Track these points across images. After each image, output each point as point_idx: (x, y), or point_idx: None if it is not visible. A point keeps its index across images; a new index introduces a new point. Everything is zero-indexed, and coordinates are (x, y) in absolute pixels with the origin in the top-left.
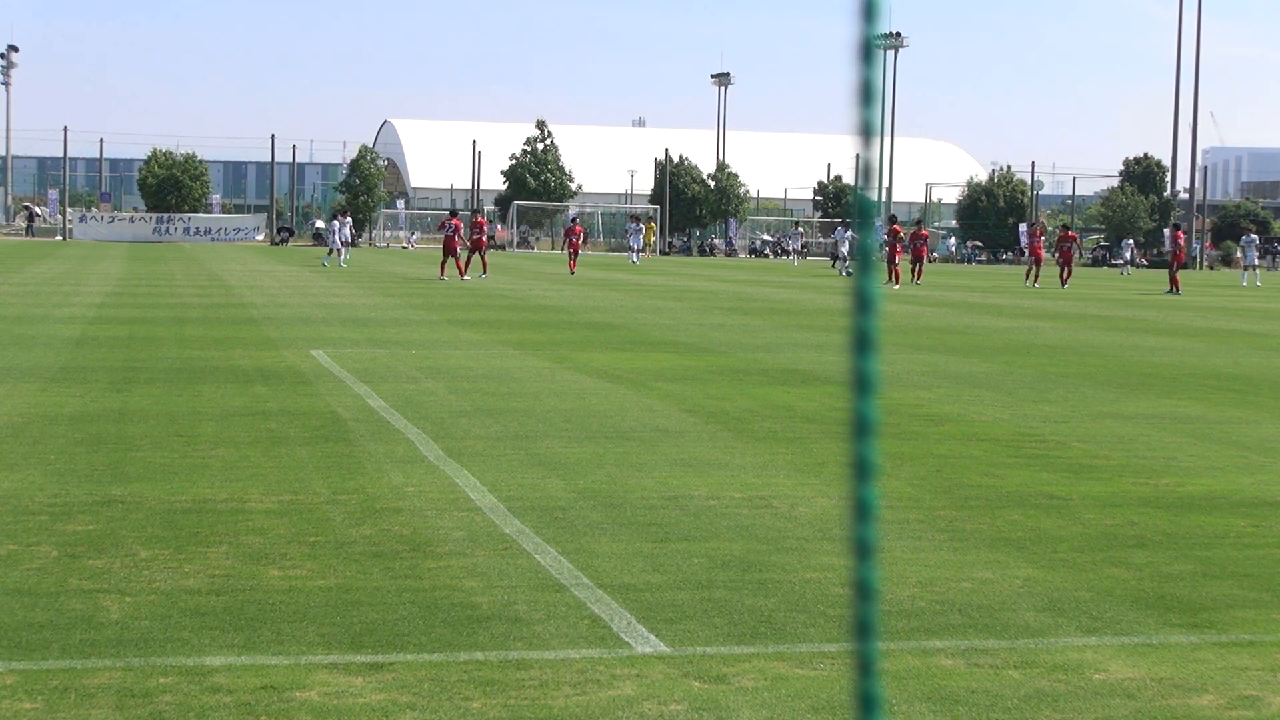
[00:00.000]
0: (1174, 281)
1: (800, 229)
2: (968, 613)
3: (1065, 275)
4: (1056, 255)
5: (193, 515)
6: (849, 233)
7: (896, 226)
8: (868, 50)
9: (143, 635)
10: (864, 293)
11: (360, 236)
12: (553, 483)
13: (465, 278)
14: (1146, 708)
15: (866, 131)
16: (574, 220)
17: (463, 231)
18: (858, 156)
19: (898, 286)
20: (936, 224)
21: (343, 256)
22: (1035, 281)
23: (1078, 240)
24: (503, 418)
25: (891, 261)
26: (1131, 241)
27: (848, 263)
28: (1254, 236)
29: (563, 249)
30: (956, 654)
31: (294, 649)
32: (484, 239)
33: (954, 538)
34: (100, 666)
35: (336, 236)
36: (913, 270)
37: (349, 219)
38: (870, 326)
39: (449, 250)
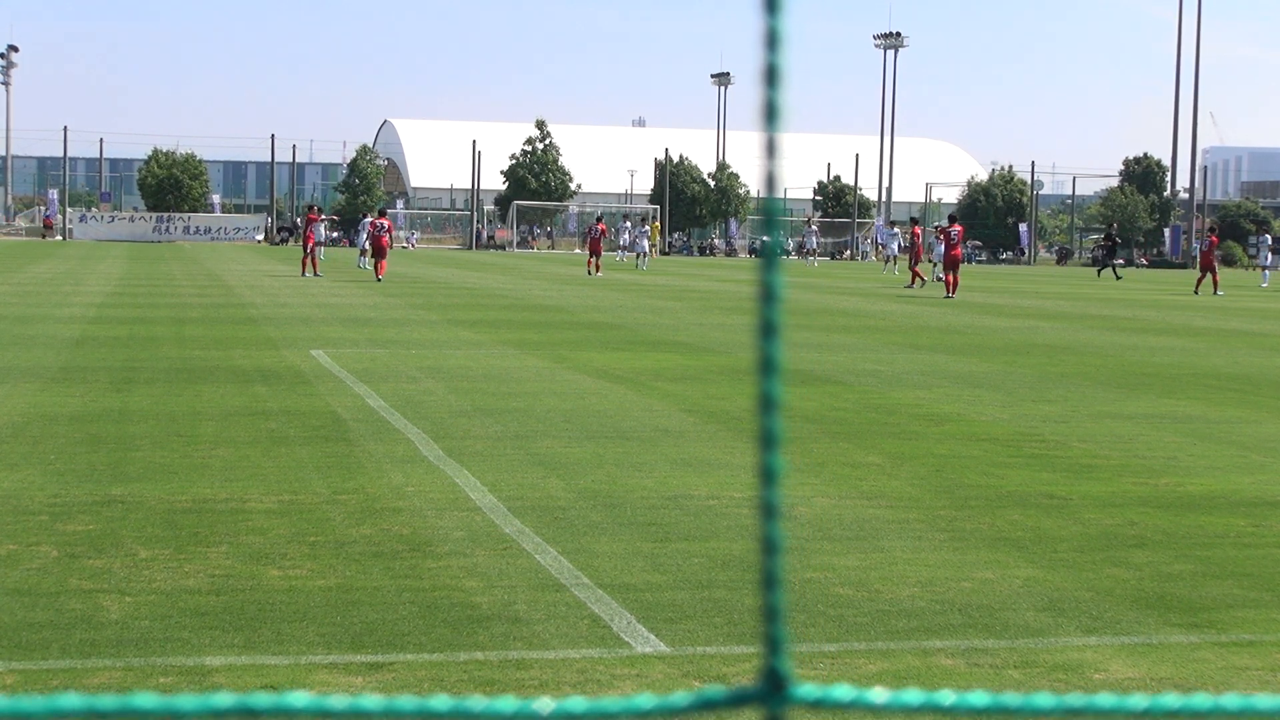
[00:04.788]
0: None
1: (814, 226)
2: (968, 613)
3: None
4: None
5: (193, 515)
6: (895, 230)
7: (916, 228)
8: (772, 75)
9: (143, 635)
10: (769, 285)
11: (361, 237)
12: (553, 483)
13: (366, 274)
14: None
15: (771, 148)
16: (598, 219)
17: (393, 231)
18: (763, 168)
19: (913, 288)
20: (935, 224)
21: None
22: (1215, 290)
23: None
24: (502, 418)
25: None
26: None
27: (895, 262)
28: (1267, 236)
29: (583, 248)
30: (956, 654)
31: (294, 649)
32: (312, 235)
33: (954, 538)
34: (100, 666)
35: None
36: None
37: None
38: (774, 315)
39: (379, 249)
